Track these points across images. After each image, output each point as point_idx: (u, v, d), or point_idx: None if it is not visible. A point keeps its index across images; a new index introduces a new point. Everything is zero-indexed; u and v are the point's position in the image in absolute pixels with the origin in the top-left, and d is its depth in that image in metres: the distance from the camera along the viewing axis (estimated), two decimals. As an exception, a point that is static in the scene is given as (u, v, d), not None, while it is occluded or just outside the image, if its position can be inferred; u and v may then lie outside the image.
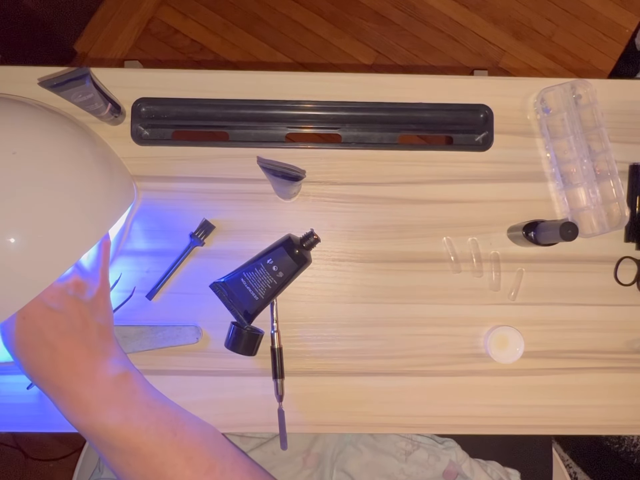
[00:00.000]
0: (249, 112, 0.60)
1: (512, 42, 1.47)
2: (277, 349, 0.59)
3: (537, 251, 0.61)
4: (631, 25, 1.47)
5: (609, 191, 0.61)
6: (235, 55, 1.44)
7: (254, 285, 0.57)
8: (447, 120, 0.61)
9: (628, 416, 0.62)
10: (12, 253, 0.44)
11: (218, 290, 0.58)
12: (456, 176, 0.62)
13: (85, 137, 0.52)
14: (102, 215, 0.50)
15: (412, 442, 0.72)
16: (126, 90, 0.60)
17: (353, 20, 1.45)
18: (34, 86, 0.52)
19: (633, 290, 0.62)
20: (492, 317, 0.61)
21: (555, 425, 0.62)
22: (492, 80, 0.63)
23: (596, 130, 0.61)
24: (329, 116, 0.61)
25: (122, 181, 0.56)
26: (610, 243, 0.62)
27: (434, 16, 1.46)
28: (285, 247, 0.57)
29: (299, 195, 0.61)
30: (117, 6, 1.43)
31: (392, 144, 0.61)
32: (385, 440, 0.72)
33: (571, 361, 0.62)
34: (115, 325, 0.59)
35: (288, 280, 0.58)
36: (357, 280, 0.61)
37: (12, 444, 1.37)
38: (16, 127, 0.46)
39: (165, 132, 0.61)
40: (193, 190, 0.61)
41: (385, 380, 0.60)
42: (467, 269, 0.61)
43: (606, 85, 0.63)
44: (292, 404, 0.60)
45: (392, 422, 0.61)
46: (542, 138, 0.62)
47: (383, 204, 0.62)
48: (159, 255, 0.60)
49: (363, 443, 0.71)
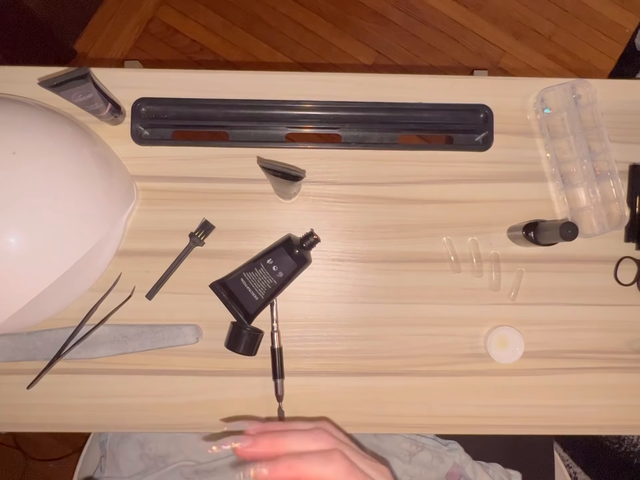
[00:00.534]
0: (249, 112, 0.60)
1: (512, 42, 1.47)
2: (277, 349, 0.59)
3: (537, 251, 0.61)
4: (631, 25, 1.47)
5: (609, 191, 0.61)
6: (235, 55, 1.44)
7: (254, 285, 0.57)
8: (447, 120, 0.61)
9: (628, 416, 0.62)
10: (12, 253, 0.44)
11: (217, 291, 0.58)
12: (456, 176, 0.62)
13: (85, 137, 0.53)
14: (102, 215, 0.50)
15: (416, 443, 0.72)
16: (126, 90, 0.60)
17: (353, 20, 1.45)
18: (34, 86, 0.52)
19: (633, 290, 0.62)
20: (492, 317, 0.61)
21: (555, 425, 0.62)
22: (492, 80, 0.62)
23: (596, 130, 0.61)
24: (329, 116, 0.61)
25: (122, 181, 0.56)
26: (610, 243, 0.62)
27: (434, 16, 1.46)
28: (285, 247, 0.57)
29: (299, 195, 0.61)
30: (117, 6, 1.43)
31: (392, 144, 0.61)
32: (390, 441, 0.72)
33: (571, 361, 0.62)
34: (115, 325, 0.59)
35: (288, 280, 0.58)
36: (357, 280, 0.61)
37: (12, 444, 1.37)
38: (16, 127, 0.46)
39: (165, 132, 0.61)
40: (193, 190, 0.61)
41: (385, 380, 0.60)
42: (467, 269, 0.61)
43: (606, 85, 0.63)
44: (292, 404, 0.60)
45: (392, 422, 0.61)
46: (542, 138, 0.62)
47: (383, 204, 0.61)
48: (159, 255, 0.60)
49: (367, 443, 0.71)
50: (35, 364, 0.58)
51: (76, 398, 0.60)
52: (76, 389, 0.59)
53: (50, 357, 0.58)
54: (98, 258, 0.58)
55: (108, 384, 0.59)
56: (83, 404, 0.60)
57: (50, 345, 0.58)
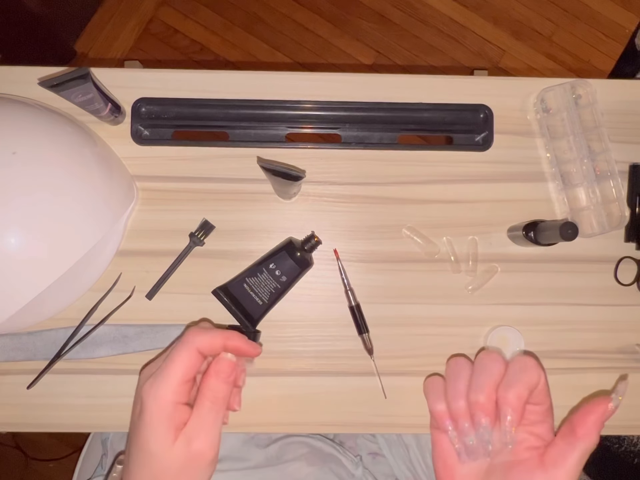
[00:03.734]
0: (249, 112, 0.60)
1: (512, 42, 1.47)
2: (355, 306, 0.60)
3: (537, 251, 0.61)
4: (631, 25, 1.47)
5: (609, 191, 0.61)
6: (235, 55, 1.44)
7: (257, 290, 0.57)
8: (447, 120, 0.61)
9: (628, 416, 0.62)
10: (12, 253, 0.44)
11: (220, 297, 0.58)
12: (456, 176, 0.62)
13: (85, 137, 0.53)
14: (102, 215, 0.50)
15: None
16: (126, 90, 0.60)
17: (353, 20, 1.45)
18: (34, 86, 0.52)
19: (633, 290, 0.62)
20: (492, 317, 0.61)
21: (555, 425, 0.61)
22: (492, 80, 0.62)
23: (596, 130, 0.61)
24: (329, 116, 0.61)
25: (122, 181, 0.56)
26: (610, 243, 0.62)
27: (434, 16, 1.46)
28: (287, 250, 0.57)
29: (299, 195, 0.61)
30: (117, 6, 1.43)
31: (392, 144, 0.61)
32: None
33: (571, 361, 0.61)
34: (115, 325, 0.59)
35: (291, 283, 0.58)
36: (357, 280, 0.61)
37: (12, 444, 1.37)
38: (16, 127, 0.46)
39: (165, 132, 0.61)
40: (193, 190, 0.61)
41: (385, 380, 0.60)
42: (466, 269, 0.61)
43: (606, 85, 0.63)
44: (292, 404, 0.60)
45: (392, 422, 0.61)
46: (542, 138, 0.62)
47: (383, 204, 0.61)
48: (158, 255, 0.60)
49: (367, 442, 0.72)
50: (35, 364, 0.58)
51: (76, 398, 0.60)
52: (76, 389, 0.59)
53: (50, 357, 0.58)
54: (98, 258, 0.58)
55: (108, 384, 0.59)
56: (83, 404, 0.60)
57: (50, 345, 0.58)
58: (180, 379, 0.38)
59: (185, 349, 0.39)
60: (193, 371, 0.40)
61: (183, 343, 0.40)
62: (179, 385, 0.38)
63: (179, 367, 0.39)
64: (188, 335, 0.40)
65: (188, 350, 0.39)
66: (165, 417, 0.37)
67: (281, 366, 0.60)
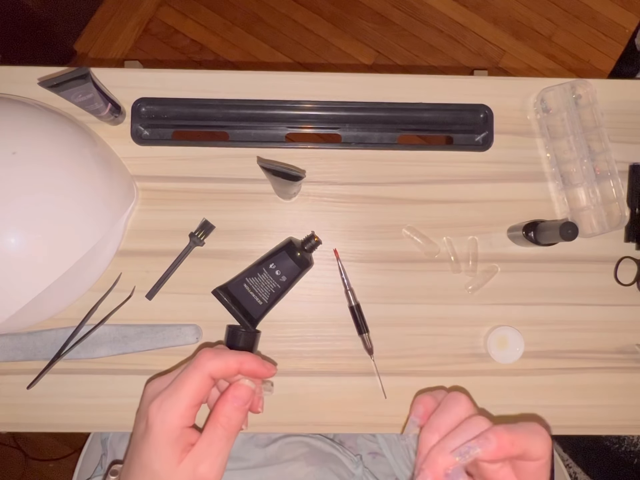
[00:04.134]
0: (249, 112, 0.60)
1: (512, 42, 1.47)
2: (354, 306, 0.60)
3: (537, 251, 0.61)
4: (631, 25, 1.47)
5: (609, 191, 0.61)
6: (235, 55, 1.44)
7: (257, 290, 0.57)
8: (447, 120, 0.61)
9: (628, 416, 0.62)
10: (12, 253, 0.44)
11: (220, 297, 0.58)
12: (456, 176, 0.62)
13: (85, 137, 0.53)
14: (102, 215, 0.50)
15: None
16: (126, 90, 0.60)
17: (353, 20, 1.45)
18: (34, 86, 0.52)
19: (633, 290, 0.62)
20: (492, 317, 0.61)
21: (556, 426, 0.62)
22: (492, 80, 0.62)
23: (596, 130, 0.61)
24: (329, 116, 0.61)
25: (122, 181, 0.56)
26: (610, 243, 0.62)
27: (434, 16, 1.46)
28: (287, 250, 0.57)
29: (299, 195, 0.61)
30: (117, 6, 1.43)
31: (391, 144, 0.61)
32: None
33: (571, 361, 0.61)
34: (115, 325, 0.59)
35: (291, 283, 0.58)
36: (357, 280, 0.61)
37: (12, 444, 1.37)
38: (16, 127, 0.46)
39: (165, 132, 0.61)
40: (193, 190, 0.61)
41: (386, 380, 0.60)
42: (466, 269, 0.61)
43: (606, 85, 0.63)
44: (291, 404, 0.60)
45: (392, 422, 0.61)
46: (542, 138, 0.62)
47: (383, 204, 0.61)
48: (158, 255, 0.60)
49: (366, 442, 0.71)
50: (35, 364, 0.58)
51: (76, 398, 0.60)
52: (76, 389, 0.59)
53: (50, 357, 0.58)
54: (98, 258, 0.58)
55: (108, 384, 0.59)
56: (83, 404, 0.60)
57: (50, 345, 0.58)
58: (188, 403, 0.37)
59: (197, 373, 0.38)
60: (203, 395, 0.38)
61: (195, 367, 0.38)
62: (187, 409, 0.37)
63: (189, 391, 0.37)
64: (201, 359, 0.39)
65: (200, 375, 0.38)
66: (172, 441, 0.36)
67: (281, 366, 0.60)
